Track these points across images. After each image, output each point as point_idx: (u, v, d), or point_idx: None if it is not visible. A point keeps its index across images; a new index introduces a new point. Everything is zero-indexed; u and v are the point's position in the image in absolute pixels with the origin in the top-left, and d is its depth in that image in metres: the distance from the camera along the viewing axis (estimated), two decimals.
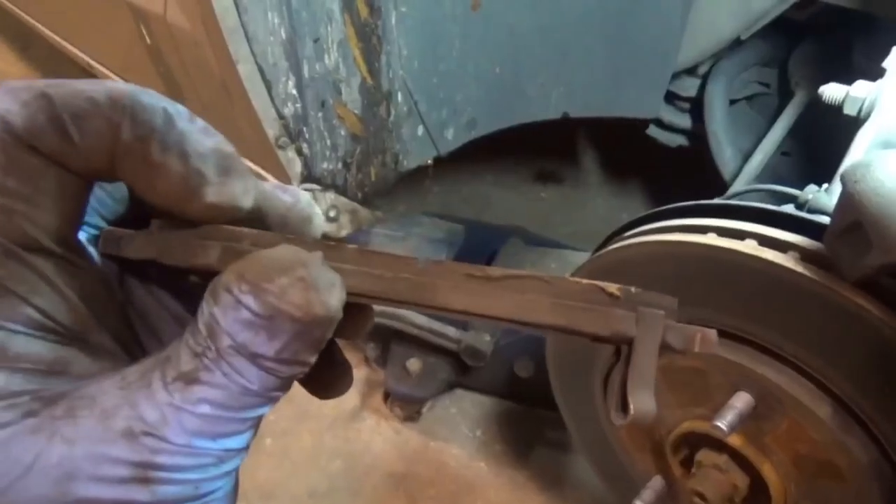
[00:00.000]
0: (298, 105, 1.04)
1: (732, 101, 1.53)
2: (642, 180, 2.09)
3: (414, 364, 1.49)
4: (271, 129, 1.02)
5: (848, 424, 0.70)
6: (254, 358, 0.26)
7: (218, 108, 1.18)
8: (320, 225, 0.33)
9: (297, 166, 1.09)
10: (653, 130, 1.62)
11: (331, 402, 1.60)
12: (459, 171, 2.18)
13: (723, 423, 0.72)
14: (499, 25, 1.22)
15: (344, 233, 1.30)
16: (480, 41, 1.23)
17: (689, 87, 1.51)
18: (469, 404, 1.60)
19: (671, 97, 1.54)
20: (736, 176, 1.34)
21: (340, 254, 0.30)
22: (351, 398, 1.60)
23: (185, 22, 0.99)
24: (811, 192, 0.82)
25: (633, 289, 0.27)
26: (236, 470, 0.29)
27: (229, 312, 0.26)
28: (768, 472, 0.77)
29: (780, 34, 1.48)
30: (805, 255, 0.68)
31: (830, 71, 1.28)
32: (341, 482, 1.44)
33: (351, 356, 1.58)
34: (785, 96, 1.49)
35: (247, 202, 0.31)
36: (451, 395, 1.61)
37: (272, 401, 0.28)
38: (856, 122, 0.90)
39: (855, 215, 0.60)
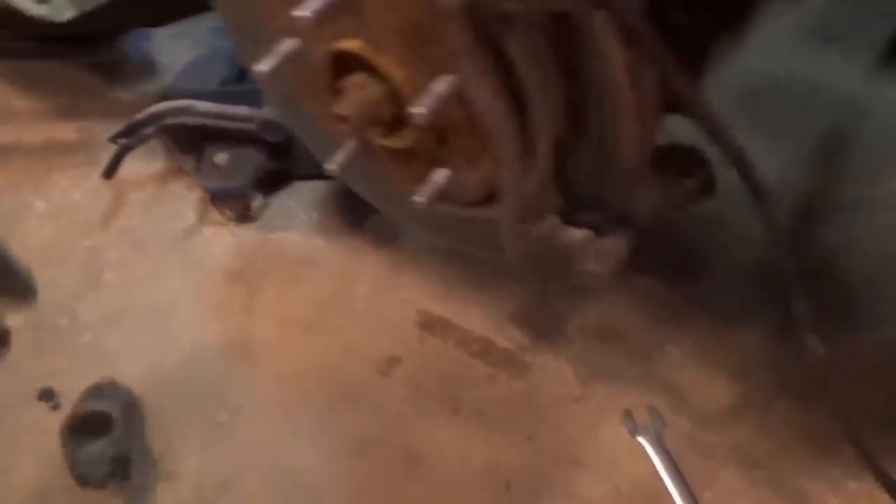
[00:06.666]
0: None
1: None
2: None
3: (220, 157, 1.44)
4: None
5: None
6: None
7: None
8: None
9: None
10: None
11: (168, 225, 1.56)
12: None
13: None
14: None
15: (68, 15, 1.19)
16: None
17: None
18: (306, 191, 1.56)
19: None
20: None
21: None
22: (188, 217, 1.56)
23: None
24: None
25: None
26: None
27: None
28: (389, 66, 0.70)
29: None
30: None
31: None
32: (182, 293, 1.42)
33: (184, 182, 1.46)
34: None
35: None
36: (287, 189, 1.56)
37: None
38: None
39: None
